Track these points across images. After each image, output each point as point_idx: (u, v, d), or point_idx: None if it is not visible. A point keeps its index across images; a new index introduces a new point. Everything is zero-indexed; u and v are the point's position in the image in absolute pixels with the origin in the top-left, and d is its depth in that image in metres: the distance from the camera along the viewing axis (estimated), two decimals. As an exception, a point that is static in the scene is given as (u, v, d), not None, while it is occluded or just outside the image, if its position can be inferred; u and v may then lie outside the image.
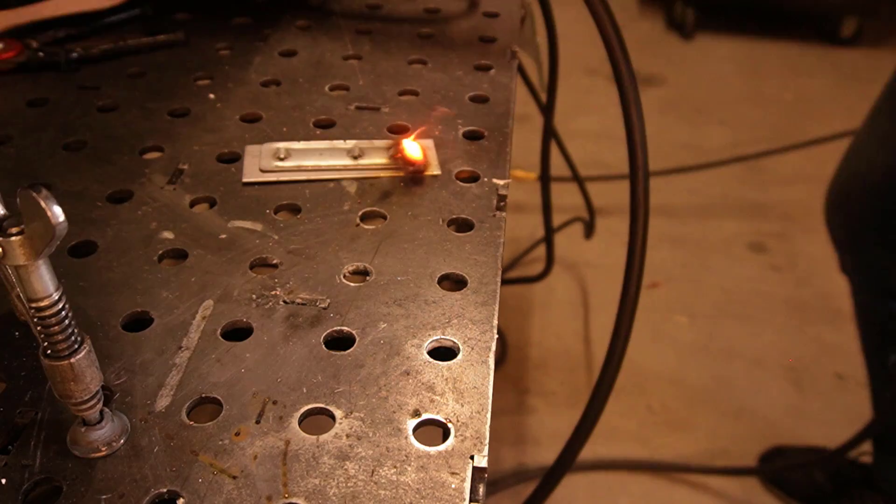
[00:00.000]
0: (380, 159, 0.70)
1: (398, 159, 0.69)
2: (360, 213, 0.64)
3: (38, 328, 0.40)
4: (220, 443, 0.45)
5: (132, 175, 0.69)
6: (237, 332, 0.53)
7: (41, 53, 0.86)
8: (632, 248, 0.67)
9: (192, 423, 0.46)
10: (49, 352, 0.41)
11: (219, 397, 0.48)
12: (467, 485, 0.43)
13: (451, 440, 0.45)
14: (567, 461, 0.68)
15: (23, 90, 0.82)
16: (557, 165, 1.60)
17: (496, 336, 0.53)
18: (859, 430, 1.34)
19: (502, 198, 0.66)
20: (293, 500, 0.42)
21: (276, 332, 0.53)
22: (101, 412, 0.44)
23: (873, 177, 1.25)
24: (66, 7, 0.89)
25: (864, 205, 1.29)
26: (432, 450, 0.45)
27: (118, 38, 0.90)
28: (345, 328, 0.53)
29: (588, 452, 1.68)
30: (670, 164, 2.51)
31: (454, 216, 0.64)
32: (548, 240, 1.75)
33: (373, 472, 0.44)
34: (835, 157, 1.40)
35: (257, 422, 0.46)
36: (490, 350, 0.51)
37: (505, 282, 1.48)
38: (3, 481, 0.43)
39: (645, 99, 0.68)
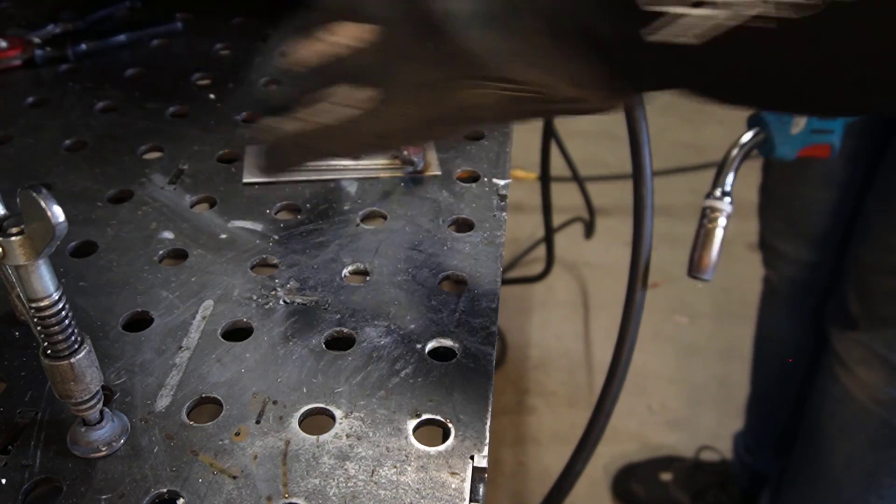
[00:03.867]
0: (380, 159, 0.70)
1: (398, 159, 0.69)
2: (360, 213, 0.64)
3: (38, 328, 0.40)
4: (220, 443, 0.45)
5: (132, 175, 0.69)
6: (237, 332, 0.53)
7: (48, 49, 0.86)
8: (636, 248, 0.67)
9: (192, 423, 0.46)
10: (49, 352, 0.41)
11: (219, 397, 0.48)
12: (467, 485, 0.43)
13: (451, 440, 0.45)
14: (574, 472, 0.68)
15: (23, 90, 0.82)
16: (557, 165, 1.60)
17: (496, 336, 0.53)
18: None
19: (502, 198, 0.66)
20: (293, 500, 0.42)
21: (276, 332, 0.53)
22: (101, 412, 0.44)
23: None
24: None
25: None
26: (432, 450, 0.45)
27: (117, 31, 0.90)
28: (345, 328, 0.53)
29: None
30: (670, 164, 2.51)
31: (454, 216, 0.64)
32: (548, 240, 1.76)
33: (373, 472, 0.44)
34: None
35: (257, 422, 0.46)
36: (490, 350, 0.51)
37: (505, 282, 1.48)
38: (3, 481, 0.43)
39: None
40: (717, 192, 0.78)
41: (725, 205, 0.77)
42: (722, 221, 0.76)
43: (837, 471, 1.16)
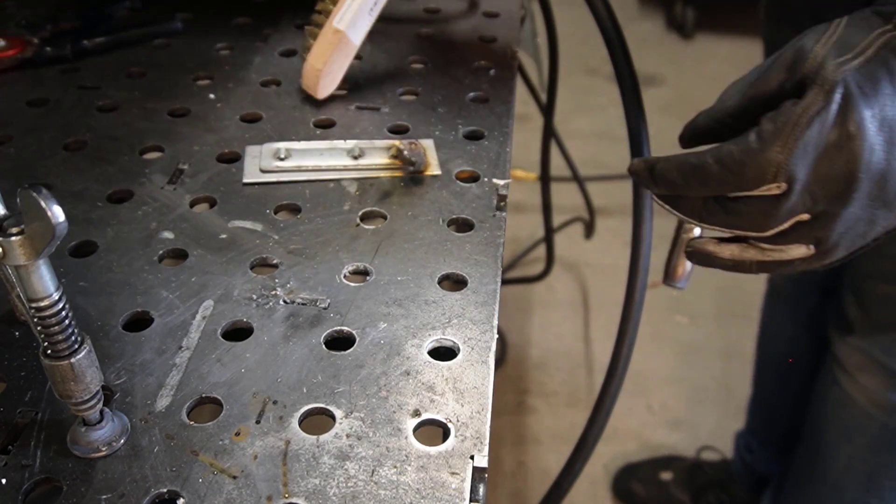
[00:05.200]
0: (380, 159, 0.70)
1: (398, 159, 0.69)
2: (360, 213, 0.64)
3: (38, 328, 0.40)
4: (220, 443, 0.45)
5: (132, 175, 0.69)
6: (237, 332, 0.53)
7: (48, 48, 0.86)
8: (635, 247, 0.67)
9: (192, 423, 0.46)
10: (49, 352, 0.41)
11: (219, 397, 0.48)
12: (467, 485, 0.43)
13: (451, 440, 0.45)
14: (574, 469, 0.68)
15: (23, 90, 0.82)
16: (557, 165, 1.60)
17: (496, 336, 0.53)
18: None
19: (502, 198, 0.66)
20: (293, 500, 0.42)
21: (276, 332, 0.53)
22: (101, 412, 0.44)
23: None
24: None
25: None
26: (432, 450, 0.45)
27: (117, 30, 0.90)
28: (345, 328, 0.53)
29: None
30: (670, 164, 2.51)
31: (454, 216, 0.64)
32: (548, 240, 1.75)
33: (373, 472, 0.44)
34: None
35: (257, 422, 0.46)
36: (490, 350, 0.51)
37: (505, 282, 1.47)
38: (3, 481, 0.43)
39: (645, 99, 0.68)
40: None
41: None
42: (697, 231, 0.76)
43: (838, 473, 1.16)
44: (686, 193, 0.54)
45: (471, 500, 0.42)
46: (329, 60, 0.77)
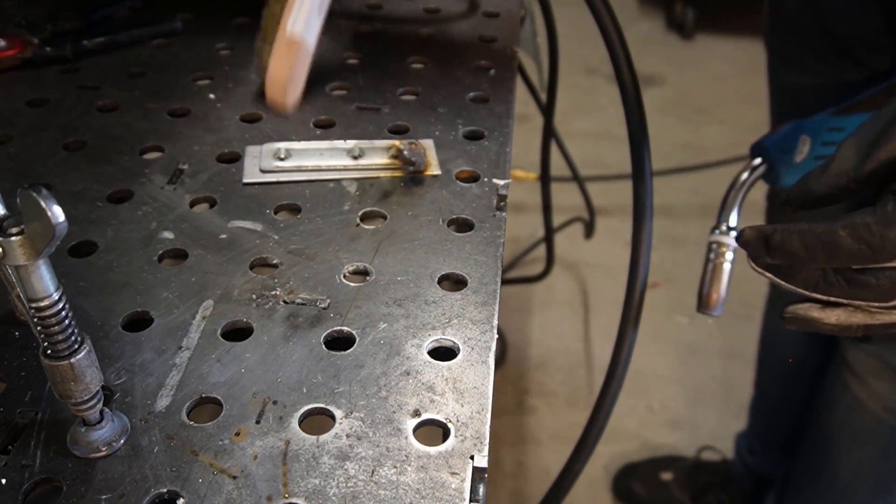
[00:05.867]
0: (380, 159, 0.70)
1: (398, 159, 0.69)
2: (360, 213, 0.64)
3: (38, 328, 0.40)
4: (220, 443, 0.45)
5: (132, 175, 0.69)
6: (237, 332, 0.53)
7: (48, 48, 0.86)
8: (635, 247, 0.67)
9: (192, 423, 0.46)
10: (49, 352, 0.41)
11: (219, 397, 0.48)
12: (467, 485, 0.43)
13: (451, 440, 0.45)
14: (574, 470, 0.68)
15: (23, 90, 0.82)
16: (557, 165, 1.60)
17: (496, 336, 0.53)
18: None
19: (502, 198, 0.66)
20: (293, 500, 0.42)
21: (276, 332, 0.53)
22: (101, 412, 0.44)
23: None
24: None
25: None
26: (432, 450, 0.45)
27: (117, 30, 0.90)
28: (345, 328, 0.53)
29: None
30: (670, 164, 2.51)
31: (454, 216, 0.64)
32: (548, 240, 1.76)
33: (373, 472, 0.44)
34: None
35: (257, 422, 0.46)
36: (490, 350, 0.51)
37: (505, 282, 1.48)
38: (3, 481, 0.43)
39: (645, 99, 0.68)
40: (724, 227, 0.76)
41: (732, 239, 0.75)
42: (729, 256, 0.74)
43: (847, 478, 1.16)
44: (806, 265, 0.51)
45: (471, 500, 0.42)
46: (291, 71, 0.76)
